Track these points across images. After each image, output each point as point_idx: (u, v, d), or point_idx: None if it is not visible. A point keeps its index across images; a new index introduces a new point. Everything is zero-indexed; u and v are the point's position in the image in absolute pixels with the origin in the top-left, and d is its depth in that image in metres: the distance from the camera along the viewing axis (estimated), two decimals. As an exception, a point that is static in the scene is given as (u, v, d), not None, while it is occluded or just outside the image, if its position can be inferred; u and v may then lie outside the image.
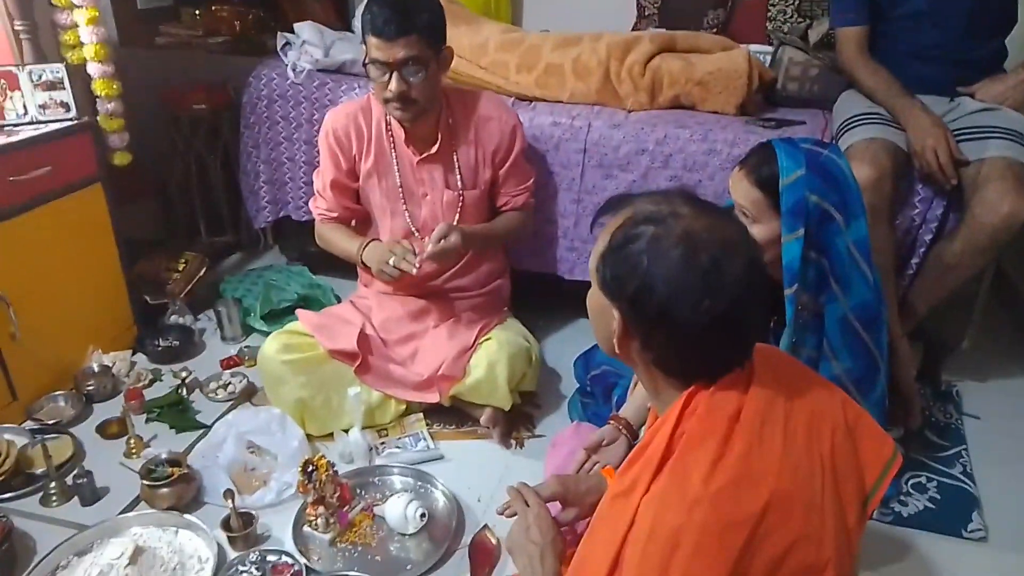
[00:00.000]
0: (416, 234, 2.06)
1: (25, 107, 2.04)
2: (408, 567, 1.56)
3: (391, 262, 1.85)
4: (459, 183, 2.03)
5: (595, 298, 1.00)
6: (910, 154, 1.89)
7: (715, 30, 2.80)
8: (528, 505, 1.27)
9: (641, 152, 2.20)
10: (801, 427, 0.94)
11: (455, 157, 2.02)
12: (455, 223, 2.03)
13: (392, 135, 2.00)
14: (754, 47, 2.44)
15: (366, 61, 1.84)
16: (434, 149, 1.99)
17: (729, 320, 0.89)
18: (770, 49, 2.44)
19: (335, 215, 2.09)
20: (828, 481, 0.93)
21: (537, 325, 2.39)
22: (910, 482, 1.81)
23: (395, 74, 1.80)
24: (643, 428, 1.55)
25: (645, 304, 0.90)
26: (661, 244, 0.89)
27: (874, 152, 1.85)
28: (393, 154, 2.01)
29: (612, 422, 1.65)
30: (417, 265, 1.85)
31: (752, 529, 0.84)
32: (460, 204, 2.04)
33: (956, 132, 1.89)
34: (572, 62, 2.37)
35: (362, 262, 1.99)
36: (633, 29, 2.97)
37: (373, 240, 2.04)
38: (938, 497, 1.77)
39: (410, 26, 1.77)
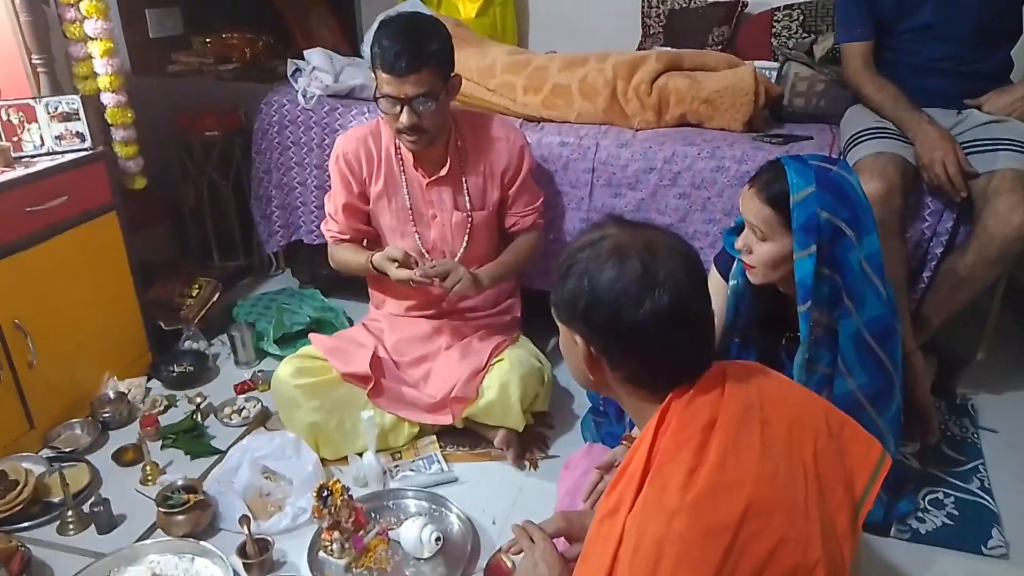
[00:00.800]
0: (426, 256, 2.07)
1: (42, 138, 2.07)
2: (424, 591, 1.56)
3: (417, 275, 1.87)
4: (468, 204, 2.05)
5: (562, 336, 1.08)
6: (919, 167, 1.89)
7: (720, 47, 2.81)
8: (534, 541, 1.25)
9: (649, 170, 2.21)
10: (780, 434, 0.95)
11: (464, 179, 2.03)
12: (464, 246, 2.05)
13: (402, 158, 2.02)
14: (760, 63, 2.46)
15: (377, 96, 1.86)
16: (443, 172, 2.00)
17: (678, 315, 0.95)
18: (776, 65, 2.45)
19: (347, 237, 2.11)
20: (812, 487, 0.94)
21: (549, 345, 2.40)
22: (927, 498, 1.79)
23: (407, 108, 1.82)
24: None
25: (596, 318, 0.97)
26: (596, 262, 0.98)
27: (882, 166, 1.85)
28: (403, 177, 2.03)
29: (625, 442, 1.65)
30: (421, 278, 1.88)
31: (733, 535, 0.85)
32: (469, 225, 2.05)
33: (964, 144, 1.89)
34: (579, 82, 2.38)
35: (374, 268, 1.99)
36: (639, 48, 2.99)
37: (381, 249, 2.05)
38: (956, 513, 1.75)
39: (421, 62, 1.78)
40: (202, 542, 1.65)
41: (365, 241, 2.16)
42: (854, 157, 1.93)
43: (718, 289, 1.70)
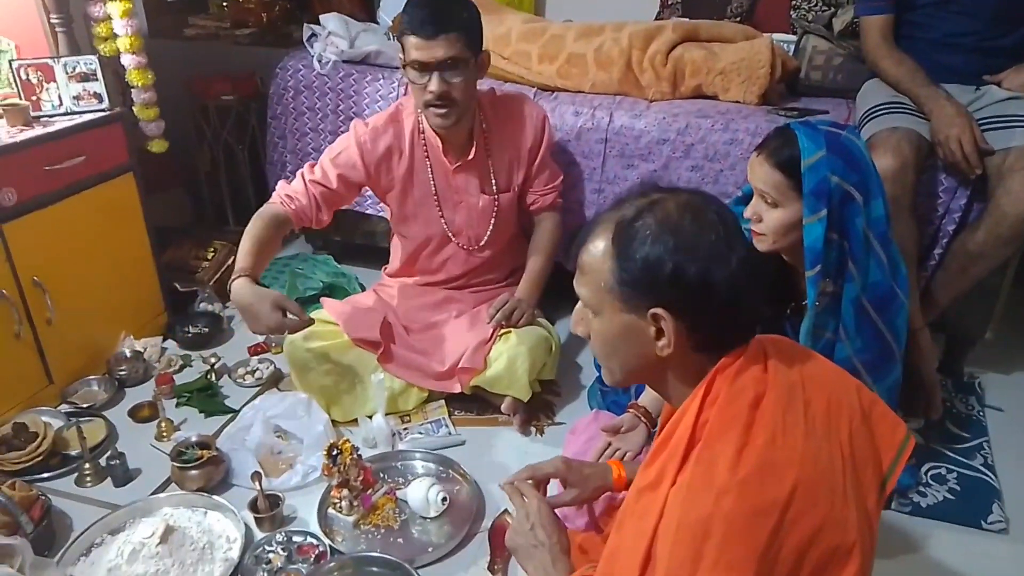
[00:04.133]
0: (453, 239, 2.09)
1: (60, 98, 2.09)
2: (430, 549, 1.59)
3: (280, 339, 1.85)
4: (494, 188, 2.05)
5: (613, 325, 0.98)
6: (934, 144, 1.88)
7: (739, 19, 2.78)
8: (526, 500, 1.25)
9: (663, 142, 2.21)
10: (820, 414, 0.95)
11: (490, 162, 2.04)
12: (491, 229, 2.08)
13: (426, 144, 2.02)
14: (778, 36, 2.43)
15: (405, 63, 1.85)
16: (470, 156, 2.01)
17: (753, 265, 0.93)
18: (794, 38, 2.43)
19: (294, 206, 1.96)
20: (848, 467, 0.94)
21: (557, 315, 2.41)
22: (930, 473, 1.81)
23: (435, 75, 1.81)
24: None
25: (686, 281, 0.90)
26: (669, 222, 0.92)
27: (896, 142, 1.84)
28: (428, 163, 2.03)
29: (631, 410, 1.67)
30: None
31: (780, 515, 0.85)
32: (496, 208, 2.06)
33: (981, 121, 1.88)
34: (594, 52, 2.37)
35: (229, 289, 1.83)
36: (656, 19, 2.97)
37: (252, 282, 1.82)
38: (958, 488, 1.77)
39: (449, 25, 1.78)
40: (215, 496, 1.70)
41: (296, 227, 2.02)
42: (868, 132, 1.92)
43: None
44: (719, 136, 2.16)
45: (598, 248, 0.97)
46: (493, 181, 2.05)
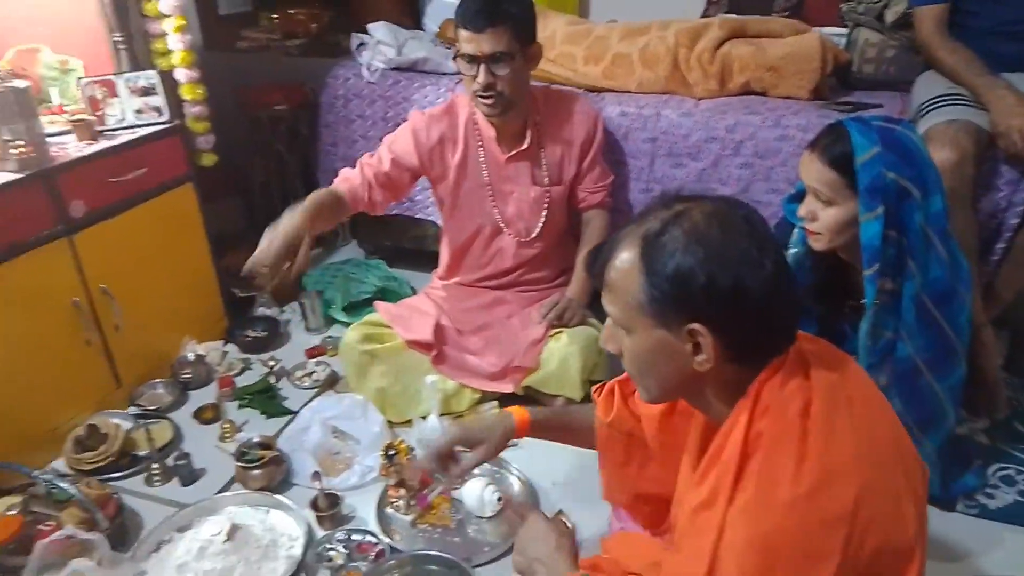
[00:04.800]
0: (505, 229, 2.11)
1: (123, 112, 2.17)
2: (486, 548, 1.62)
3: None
4: (546, 179, 2.07)
5: (646, 343, 0.94)
6: (993, 135, 1.83)
7: (787, 14, 2.74)
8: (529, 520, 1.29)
9: (711, 140, 2.19)
10: (862, 412, 0.93)
11: (542, 154, 2.06)
12: (542, 221, 2.09)
13: (480, 134, 2.05)
14: (828, 30, 2.40)
15: (456, 54, 1.90)
16: (523, 146, 2.03)
17: (786, 271, 0.91)
18: (845, 31, 2.39)
19: (373, 173, 2.01)
20: (897, 459, 0.92)
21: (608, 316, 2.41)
22: (998, 474, 1.76)
23: (483, 66, 1.85)
24: None
25: (721, 291, 0.87)
26: (697, 232, 0.88)
27: (954, 134, 1.80)
28: (481, 152, 2.05)
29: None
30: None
31: (850, 522, 0.83)
32: (547, 200, 2.08)
33: (1043, 110, 1.82)
34: (640, 51, 2.37)
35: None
36: (702, 16, 2.94)
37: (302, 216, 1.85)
38: (1027, 489, 1.72)
39: (498, 18, 1.81)
40: (276, 495, 1.75)
41: (371, 196, 2.04)
42: (925, 125, 1.88)
43: (777, 258, 1.69)
44: (769, 132, 2.14)
45: (625, 264, 0.93)
46: (545, 173, 2.07)
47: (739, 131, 2.17)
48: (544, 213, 2.09)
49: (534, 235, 2.12)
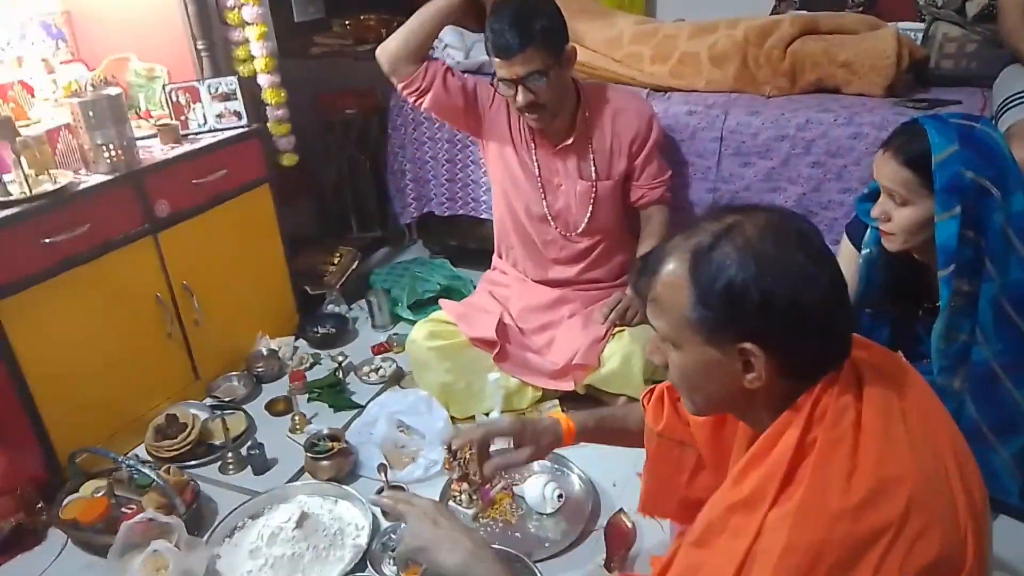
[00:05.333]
0: (551, 223, 2.12)
1: (205, 117, 2.28)
2: (546, 544, 1.63)
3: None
4: (593, 174, 2.08)
5: (695, 359, 0.92)
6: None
7: (860, 9, 2.68)
8: (413, 505, 1.16)
9: (781, 138, 2.16)
10: (917, 422, 0.90)
11: (590, 148, 2.06)
12: (588, 215, 2.09)
13: (530, 126, 2.07)
14: (904, 24, 2.33)
15: (494, 80, 1.94)
16: (570, 140, 2.04)
17: (840, 285, 0.88)
18: (922, 26, 2.32)
19: (430, 72, 2.05)
20: (952, 468, 0.88)
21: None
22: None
23: (520, 87, 1.88)
24: None
25: (776, 309, 0.84)
26: (751, 247, 0.85)
27: (1041, 131, 1.72)
28: (532, 144, 2.08)
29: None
30: None
31: (895, 533, 0.81)
32: (594, 194, 2.08)
33: None
34: (708, 50, 2.35)
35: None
36: (772, 13, 2.89)
37: None
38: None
39: (526, 41, 1.82)
40: (344, 486, 1.80)
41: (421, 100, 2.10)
42: (1009, 120, 1.81)
43: (850, 258, 1.65)
44: (842, 131, 2.09)
45: (673, 278, 0.90)
46: (593, 167, 2.07)
47: (810, 129, 2.12)
48: (590, 207, 2.09)
49: (580, 230, 2.12)
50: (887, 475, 0.84)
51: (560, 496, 1.71)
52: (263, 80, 2.41)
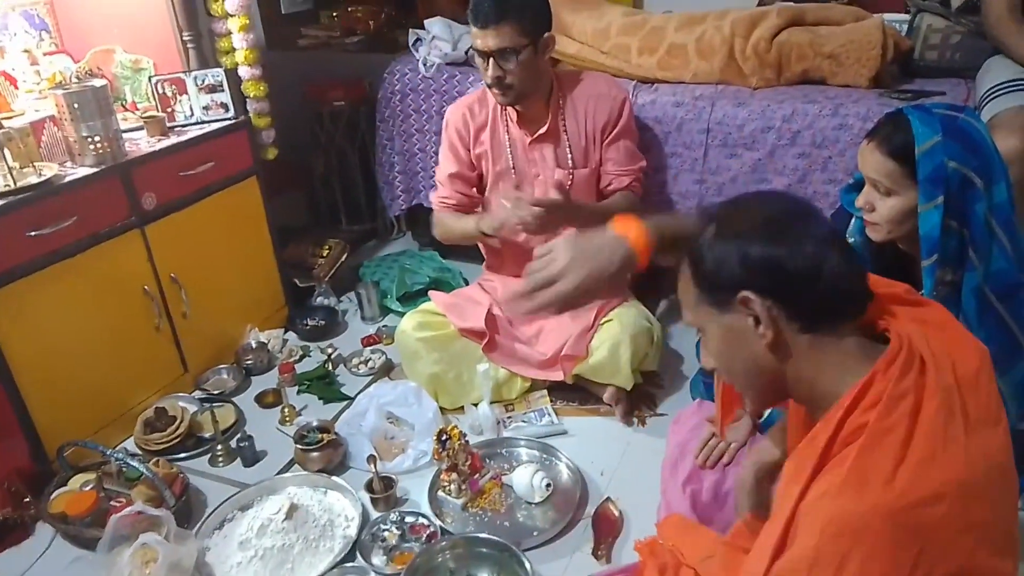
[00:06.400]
0: (520, 200, 2.12)
1: (191, 109, 2.27)
2: (535, 533, 1.64)
3: (510, 209, 1.85)
4: (569, 162, 2.08)
5: (717, 333, 0.99)
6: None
7: (846, 0, 2.68)
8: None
9: (767, 129, 2.17)
10: (976, 419, 0.89)
11: (565, 136, 2.07)
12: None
13: (507, 118, 2.08)
14: (889, 16, 2.34)
15: (468, 49, 1.94)
16: (544, 129, 2.05)
17: (834, 239, 0.95)
18: (907, 17, 2.33)
19: (453, 202, 2.16)
20: (1001, 482, 0.88)
21: (658, 307, 2.41)
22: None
23: (491, 60, 1.90)
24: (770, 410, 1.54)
25: (755, 260, 0.92)
26: (724, 224, 0.97)
27: (1023, 121, 1.74)
28: (507, 137, 2.09)
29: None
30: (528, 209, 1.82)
31: (927, 539, 0.81)
32: (570, 182, 2.09)
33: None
34: (695, 42, 2.35)
35: (482, 232, 2.00)
36: (759, 5, 2.90)
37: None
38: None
39: (502, 15, 1.85)
40: (334, 477, 1.81)
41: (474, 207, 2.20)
42: (991, 111, 1.82)
43: (835, 248, 1.66)
44: (827, 122, 2.10)
45: (683, 273, 1.02)
46: (569, 155, 2.08)
47: (796, 120, 2.13)
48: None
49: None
50: (934, 474, 0.83)
51: (548, 485, 1.72)
52: (244, 72, 2.39)
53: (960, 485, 0.83)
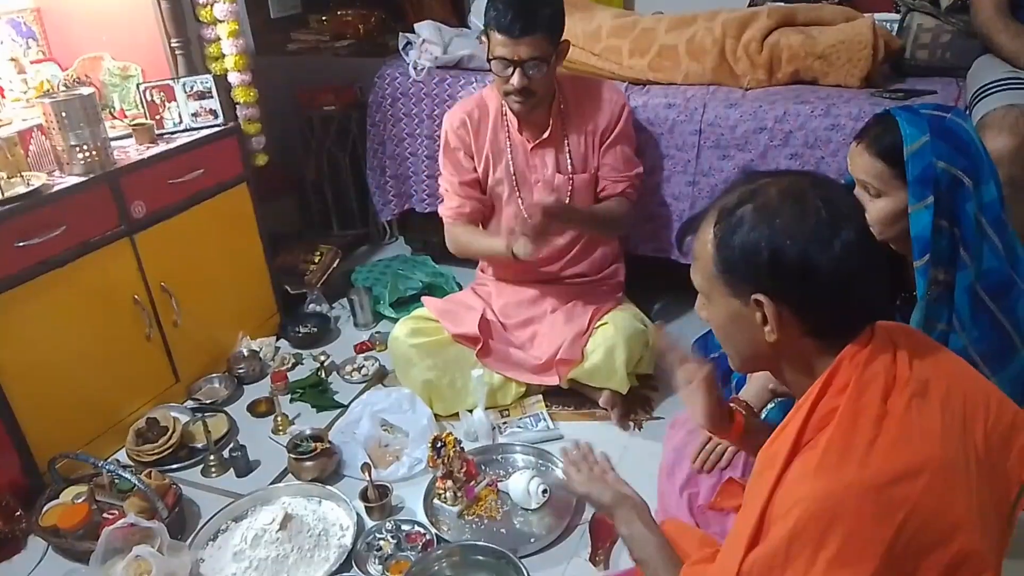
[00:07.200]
0: (528, 220, 2.11)
1: (180, 116, 2.25)
2: (532, 540, 1.63)
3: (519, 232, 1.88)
4: (569, 167, 2.08)
5: (723, 311, 0.98)
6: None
7: (837, 1, 2.69)
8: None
9: (760, 130, 2.16)
10: (957, 413, 0.90)
11: (566, 142, 2.06)
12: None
13: (508, 124, 2.07)
14: (879, 15, 2.34)
15: (490, 57, 1.91)
16: (546, 135, 2.04)
17: (866, 248, 0.90)
18: (897, 17, 2.33)
19: (468, 210, 2.13)
20: (982, 470, 0.89)
21: (653, 310, 2.40)
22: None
23: (518, 70, 1.87)
24: (765, 409, 1.54)
25: (785, 267, 0.89)
26: (768, 209, 0.91)
27: (1014, 119, 1.74)
28: (508, 142, 2.08)
29: (733, 404, 1.65)
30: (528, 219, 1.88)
31: (907, 514, 0.82)
32: (570, 188, 2.08)
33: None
34: (686, 43, 2.35)
35: (514, 256, 1.93)
36: (750, 5, 2.90)
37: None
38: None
39: (535, 25, 1.83)
40: (328, 486, 1.80)
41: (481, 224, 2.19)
42: (982, 110, 1.82)
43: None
44: (819, 122, 2.10)
45: (705, 235, 0.97)
46: (569, 161, 2.07)
47: (788, 121, 2.13)
48: (567, 201, 2.08)
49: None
50: (909, 455, 0.84)
51: (544, 491, 1.71)
52: (233, 78, 2.37)
53: (939, 462, 0.84)
